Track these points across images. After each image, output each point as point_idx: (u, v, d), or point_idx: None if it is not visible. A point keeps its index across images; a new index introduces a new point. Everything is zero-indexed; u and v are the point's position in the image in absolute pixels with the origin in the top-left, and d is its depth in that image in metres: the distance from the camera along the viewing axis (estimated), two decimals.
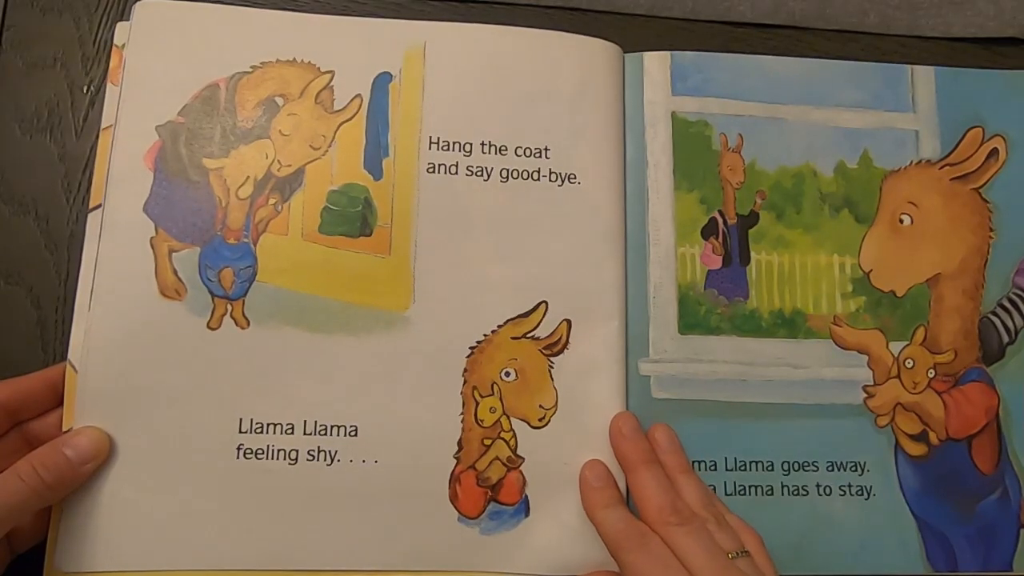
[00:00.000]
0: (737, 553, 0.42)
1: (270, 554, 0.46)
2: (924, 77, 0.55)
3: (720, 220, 0.52)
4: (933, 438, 0.51)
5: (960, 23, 0.57)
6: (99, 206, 0.48)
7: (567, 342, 0.49)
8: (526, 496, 0.48)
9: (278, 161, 0.49)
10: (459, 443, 0.48)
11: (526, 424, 0.48)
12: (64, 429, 0.45)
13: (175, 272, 0.47)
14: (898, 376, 0.51)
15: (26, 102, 0.51)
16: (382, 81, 0.51)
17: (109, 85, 0.50)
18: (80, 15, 0.53)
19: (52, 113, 0.51)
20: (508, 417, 0.48)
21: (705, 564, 0.40)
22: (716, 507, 0.45)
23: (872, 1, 0.57)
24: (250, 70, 0.50)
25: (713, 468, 0.49)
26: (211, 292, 0.48)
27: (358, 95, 0.51)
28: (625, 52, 0.53)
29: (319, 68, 0.51)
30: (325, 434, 0.47)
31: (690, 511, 0.43)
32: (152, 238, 0.48)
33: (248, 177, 0.49)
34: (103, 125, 0.49)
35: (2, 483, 0.40)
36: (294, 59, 0.51)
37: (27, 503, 0.41)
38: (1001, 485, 0.51)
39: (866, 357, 0.51)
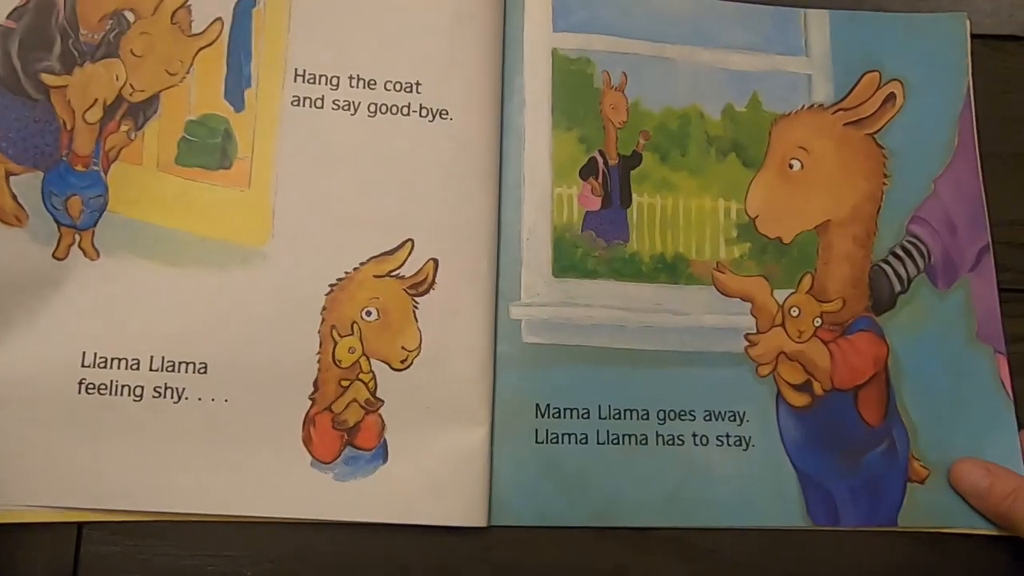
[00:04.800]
0: None
1: (111, 494, 0.50)
2: (818, 20, 0.62)
3: (600, 160, 0.58)
4: (817, 388, 0.57)
5: None
6: None
7: (433, 282, 0.55)
8: (384, 441, 0.53)
9: (130, 85, 0.55)
10: (315, 384, 0.53)
11: (387, 366, 0.54)
12: None
13: (14, 197, 0.52)
14: (783, 325, 0.57)
15: None
16: (245, 6, 0.56)
17: None
18: None
19: None
20: (368, 358, 0.54)
21: None
22: None
23: None
24: None
25: (586, 416, 0.55)
26: (57, 221, 0.53)
27: (218, 19, 0.56)
28: None
29: None
30: (173, 370, 0.52)
31: None
32: None
33: (97, 100, 0.54)
34: None
35: None
36: None
37: None
38: (888, 437, 0.57)
39: (749, 305, 0.58)
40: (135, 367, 0.52)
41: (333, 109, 0.56)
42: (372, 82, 0.57)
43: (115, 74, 0.54)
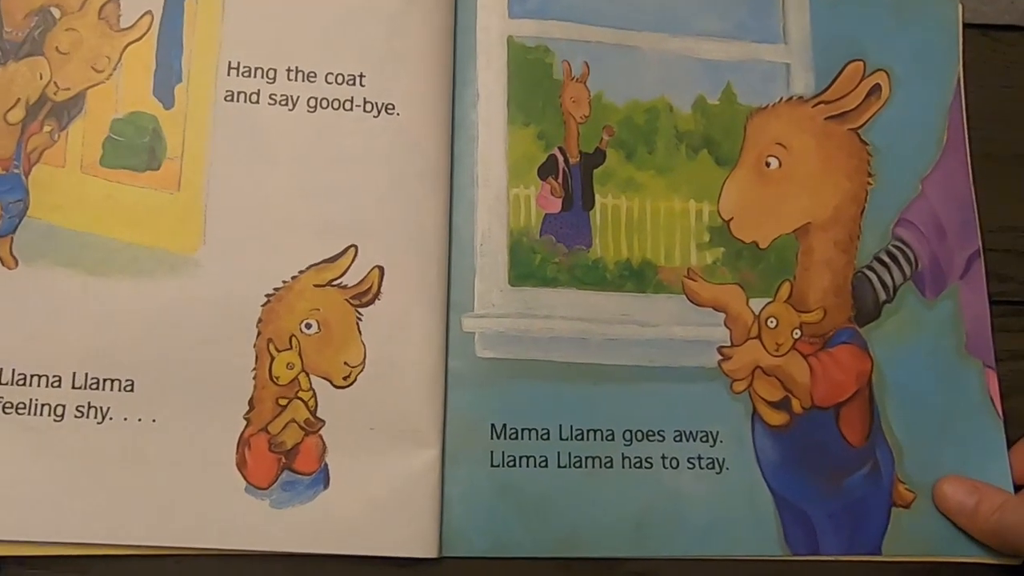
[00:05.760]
0: None
1: (29, 524, 0.52)
2: (797, 4, 0.64)
3: (560, 158, 0.61)
4: (796, 406, 0.59)
5: None
6: None
7: (378, 291, 0.57)
8: (326, 465, 0.55)
9: (55, 83, 0.57)
10: (250, 402, 0.55)
11: (328, 383, 0.56)
12: None
13: None
14: (759, 336, 0.60)
15: None
16: None
17: None
18: None
19: None
20: (308, 375, 0.56)
21: None
22: None
23: None
24: None
25: (546, 437, 0.57)
26: None
27: (148, 12, 0.59)
28: None
29: None
30: (97, 388, 0.54)
31: None
32: None
33: (19, 100, 0.57)
34: None
35: None
36: None
37: None
38: (871, 459, 0.59)
39: (723, 315, 0.60)
40: (56, 384, 0.54)
41: (269, 104, 0.59)
42: (312, 75, 0.59)
43: (39, 72, 0.57)
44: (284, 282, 0.57)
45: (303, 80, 0.59)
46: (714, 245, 0.61)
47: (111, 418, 0.54)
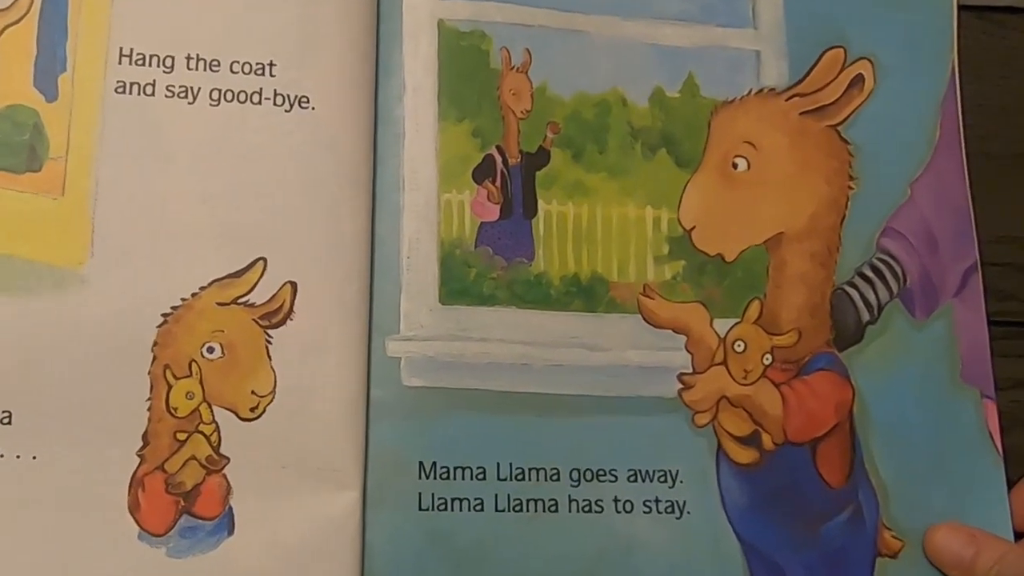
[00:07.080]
0: None
1: None
2: None
3: (498, 159, 0.64)
4: (767, 441, 0.63)
5: None
6: None
7: (290, 311, 0.60)
8: (230, 508, 0.58)
9: None
10: (144, 437, 0.57)
11: (234, 415, 0.59)
12: None
13: None
14: (724, 362, 0.63)
15: None
16: None
17: None
18: None
19: None
20: (210, 405, 0.59)
21: None
22: None
23: None
24: None
25: (481, 477, 0.60)
26: None
27: None
28: None
29: None
30: None
31: None
32: None
33: None
34: None
35: None
36: None
37: None
38: (853, 502, 0.63)
39: (683, 338, 0.64)
40: None
41: (167, 97, 0.62)
42: (215, 63, 0.63)
43: None
44: (183, 300, 0.59)
45: (205, 69, 0.62)
46: (674, 258, 0.65)
47: None
